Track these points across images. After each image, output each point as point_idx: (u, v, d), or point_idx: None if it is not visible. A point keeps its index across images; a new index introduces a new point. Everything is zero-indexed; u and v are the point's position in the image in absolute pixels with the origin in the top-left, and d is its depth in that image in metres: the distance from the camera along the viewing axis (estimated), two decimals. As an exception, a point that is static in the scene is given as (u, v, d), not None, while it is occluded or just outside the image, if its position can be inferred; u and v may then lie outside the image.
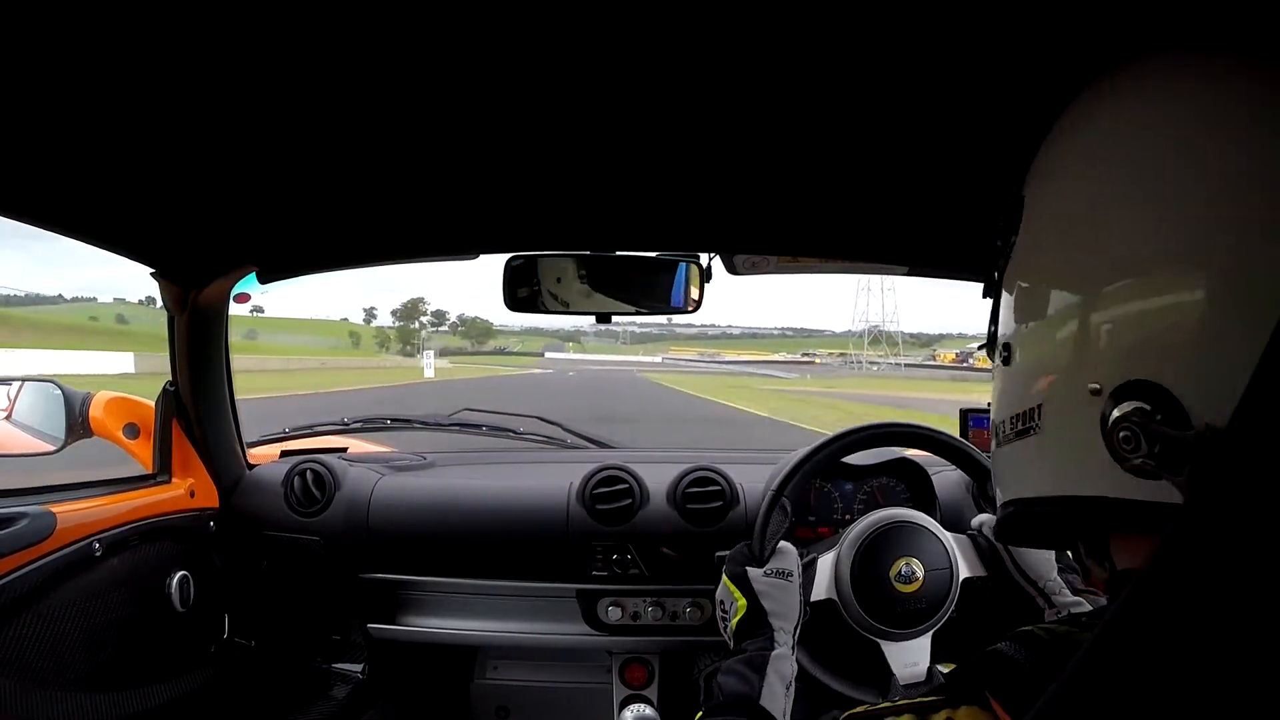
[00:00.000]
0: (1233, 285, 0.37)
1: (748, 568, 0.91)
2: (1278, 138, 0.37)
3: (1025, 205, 0.50)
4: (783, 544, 0.94)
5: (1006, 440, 0.50)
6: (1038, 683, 0.39)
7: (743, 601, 0.89)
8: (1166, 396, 0.37)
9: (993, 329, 0.53)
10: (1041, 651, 0.41)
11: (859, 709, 0.48)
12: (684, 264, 1.20)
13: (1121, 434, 0.38)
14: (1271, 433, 0.26)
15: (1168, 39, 0.44)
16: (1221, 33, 0.42)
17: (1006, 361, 0.50)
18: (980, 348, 0.57)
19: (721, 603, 0.94)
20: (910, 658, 0.93)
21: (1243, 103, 0.39)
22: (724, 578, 0.93)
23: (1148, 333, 0.39)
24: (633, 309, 1.25)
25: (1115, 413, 0.39)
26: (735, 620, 0.89)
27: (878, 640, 0.93)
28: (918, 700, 0.44)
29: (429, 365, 33.01)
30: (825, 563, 0.96)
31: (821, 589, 0.95)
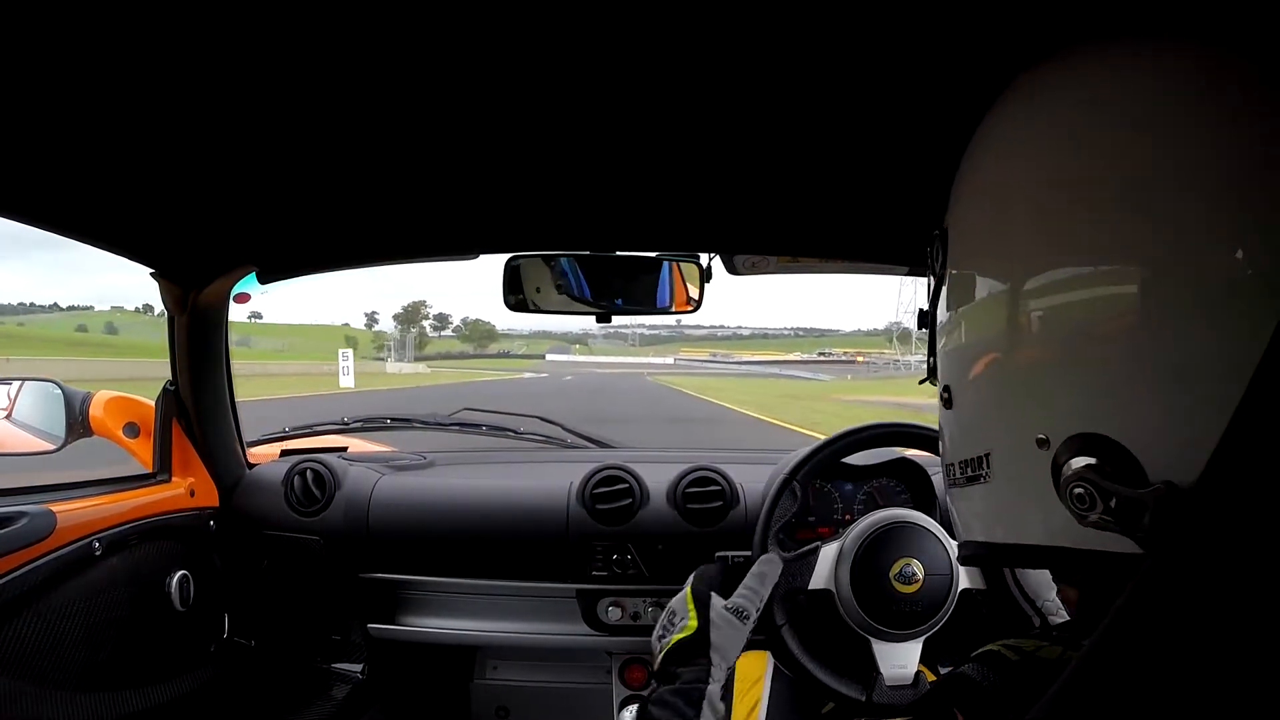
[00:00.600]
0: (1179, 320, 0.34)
1: (713, 592, 0.88)
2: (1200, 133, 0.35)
3: (950, 238, 0.48)
4: (764, 560, 0.91)
5: (957, 484, 0.48)
6: (1004, 703, 0.39)
7: (694, 623, 0.86)
8: (1119, 451, 0.35)
9: (931, 360, 0.52)
10: (1006, 673, 0.42)
11: None
12: (683, 264, 1.20)
13: (1075, 490, 0.36)
14: (1243, 492, 0.26)
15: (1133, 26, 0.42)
16: (1160, 22, 0.41)
17: (947, 404, 0.48)
18: (923, 381, 0.55)
19: (673, 612, 0.90)
20: (899, 659, 0.93)
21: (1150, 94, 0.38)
22: (686, 590, 0.90)
23: (1095, 381, 0.37)
24: (633, 309, 1.25)
25: (1067, 469, 0.37)
26: (676, 637, 0.86)
27: (869, 638, 0.93)
28: None
29: (347, 371, 25.57)
30: (828, 553, 0.96)
31: (821, 579, 0.95)
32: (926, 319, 0.53)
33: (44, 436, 1.20)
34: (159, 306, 1.24)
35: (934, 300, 0.51)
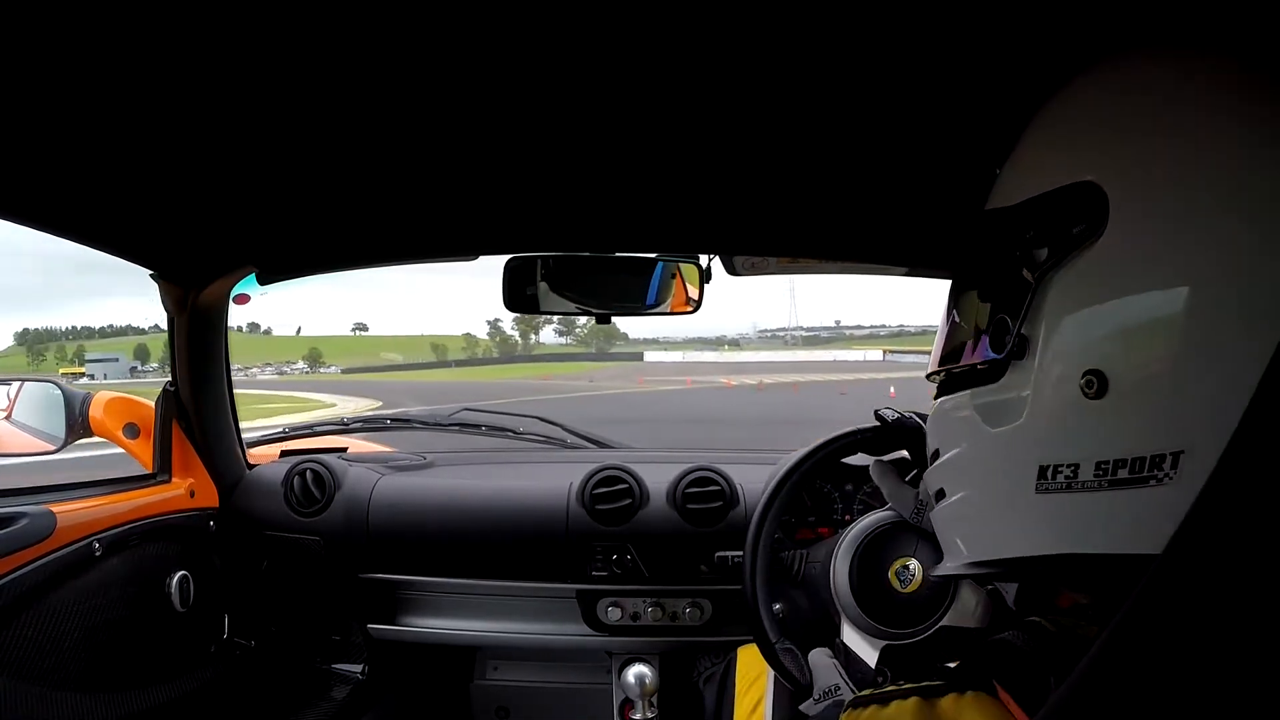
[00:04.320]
0: None
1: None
2: None
3: (1111, 194, 0.40)
4: (814, 657, 0.90)
5: (1078, 488, 0.40)
6: (1043, 673, 0.38)
7: None
8: None
9: (1012, 345, 0.44)
10: (1048, 643, 0.41)
11: (865, 692, 0.47)
12: (683, 264, 1.20)
13: None
14: (1253, 487, 0.25)
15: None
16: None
17: (1097, 393, 0.39)
18: (986, 360, 0.46)
19: None
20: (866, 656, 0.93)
21: None
22: None
23: None
24: (634, 309, 1.25)
25: None
26: None
27: (881, 641, 0.93)
28: (924, 684, 0.43)
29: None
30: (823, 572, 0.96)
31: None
32: (1000, 287, 0.46)
33: (44, 437, 1.20)
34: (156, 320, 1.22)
35: (1043, 272, 0.42)
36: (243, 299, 1.35)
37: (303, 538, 1.31)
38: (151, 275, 1.18)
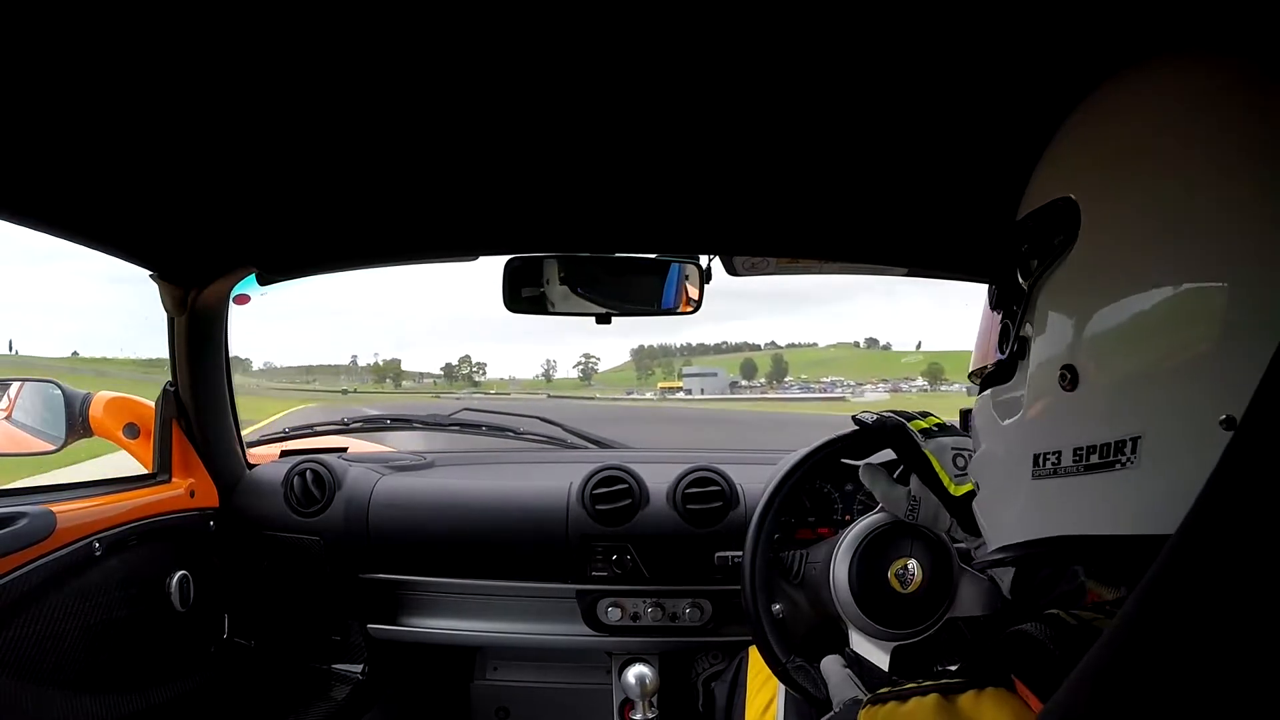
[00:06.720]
0: None
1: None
2: None
3: (1083, 209, 0.44)
4: (826, 665, 0.90)
5: (1062, 473, 0.45)
6: (1064, 667, 0.38)
7: None
8: None
9: (1013, 346, 0.49)
10: (1068, 636, 0.41)
11: (884, 689, 0.47)
12: (684, 265, 1.20)
13: None
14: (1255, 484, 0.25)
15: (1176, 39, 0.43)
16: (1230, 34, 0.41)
17: (1071, 385, 0.44)
18: (992, 366, 0.52)
19: None
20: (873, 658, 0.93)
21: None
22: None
23: None
24: (636, 309, 1.25)
25: None
26: None
27: (889, 644, 0.93)
28: (943, 681, 0.44)
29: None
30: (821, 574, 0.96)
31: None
32: (1005, 294, 0.50)
33: (44, 437, 1.20)
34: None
35: (1036, 277, 0.47)
36: (243, 299, 1.35)
37: (303, 538, 1.31)
38: (151, 275, 1.18)
